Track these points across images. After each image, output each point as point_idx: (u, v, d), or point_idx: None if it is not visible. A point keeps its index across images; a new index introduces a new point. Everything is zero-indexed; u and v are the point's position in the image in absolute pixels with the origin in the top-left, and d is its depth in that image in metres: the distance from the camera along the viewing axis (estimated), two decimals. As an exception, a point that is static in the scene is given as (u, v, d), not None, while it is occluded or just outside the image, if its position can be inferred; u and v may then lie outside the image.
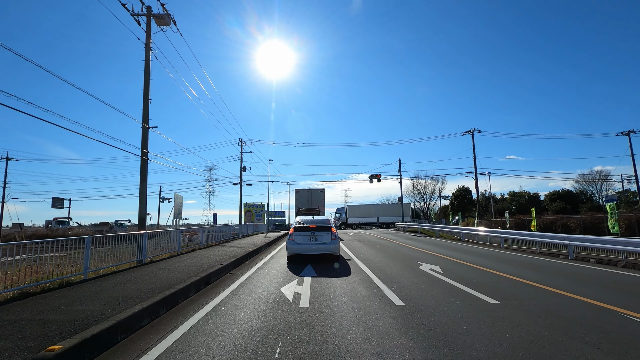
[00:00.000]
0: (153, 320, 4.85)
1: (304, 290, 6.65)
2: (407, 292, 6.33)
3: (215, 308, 5.44)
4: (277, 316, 4.90)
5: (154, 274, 7.82)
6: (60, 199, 53.12)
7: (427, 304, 5.45)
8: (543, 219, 27.45)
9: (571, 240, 11.57)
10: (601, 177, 54.76)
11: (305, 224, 11.03)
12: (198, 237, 16.18)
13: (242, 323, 4.60)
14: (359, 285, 7.07)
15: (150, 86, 14.07)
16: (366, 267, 9.73)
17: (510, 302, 5.55)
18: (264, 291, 6.64)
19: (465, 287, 6.74)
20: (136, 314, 4.53)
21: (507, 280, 7.58)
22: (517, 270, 9.06)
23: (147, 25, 14.34)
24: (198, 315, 5.05)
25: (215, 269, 8.43)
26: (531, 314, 4.91)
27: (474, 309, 5.19)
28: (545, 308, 5.22)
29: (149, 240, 11.74)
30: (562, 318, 4.71)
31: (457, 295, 6.07)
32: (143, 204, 13.63)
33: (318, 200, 28.36)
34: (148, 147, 13.67)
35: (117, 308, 4.82)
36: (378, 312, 5.03)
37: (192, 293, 6.52)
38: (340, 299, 5.93)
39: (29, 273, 6.65)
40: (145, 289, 6.18)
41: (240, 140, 39.15)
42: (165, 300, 5.42)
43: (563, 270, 9.20)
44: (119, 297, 5.55)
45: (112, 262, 9.03)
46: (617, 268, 9.58)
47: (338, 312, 5.10)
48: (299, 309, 5.25)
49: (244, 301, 5.86)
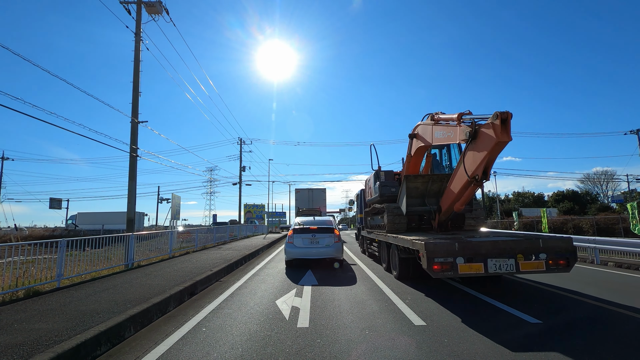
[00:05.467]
0: (113, 347, 3.88)
1: (303, 303, 5.67)
2: (426, 307, 5.34)
3: (195, 328, 4.47)
4: (269, 341, 3.92)
5: (136, 281, 6.90)
6: (57, 200, 52.28)
7: (453, 324, 4.47)
8: (553, 220, 26.42)
9: (597, 244, 10.56)
10: (607, 177, 53.73)
11: (305, 225, 10.06)
12: (193, 239, 15.25)
13: (224, 352, 3.63)
14: (367, 297, 6.09)
15: (140, 78, 13.16)
16: (373, 273, 8.74)
17: (556, 324, 4.56)
18: (257, 305, 5.67)
19: (493, 301, 5.75)
20: (89, 340, 3.57)
21: (545, 293, 6.57)
22: (547, 277, 8.03)
23: (137, 14, 13.44)
24: (171, 339, 4.08)
25: (203, 276, 7.47)
26: (594, 341, 3.93)
27: (512, 329, 4.21)
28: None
29: (139, 243, 10.85)
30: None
31: (486, 311, 5.09)
32: (132, 204, 12.65)
33: (319, 200, 27.43)
34: (138, 143, 12.75)
35: (80, 327, 3.98)
36: (394, 336, 4.05)
37: (171, 307, 5.56)
38: (346, 316, 4.95)
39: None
40: (120, 300, 5.28)
41: (240, 140, 38.20)
42: (135, 318, 4.46)
43: (592, 276, 8.19)
44: (87, 311, 4.66)
45: (99, 267, 8.16)
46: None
47: (344, 335, 4.12)
48: (297, 331, 4.27)
49: (230, 318, 4.88)
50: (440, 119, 7.49)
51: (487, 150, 5.57)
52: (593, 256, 10.72)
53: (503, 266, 5.57)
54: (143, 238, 11.43)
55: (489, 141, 5.51)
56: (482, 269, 5.52)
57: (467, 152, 6.14)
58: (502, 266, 5.56)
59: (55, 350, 3.22)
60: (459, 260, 5.52)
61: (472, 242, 5.74)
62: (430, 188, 8.54)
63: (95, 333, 3.72)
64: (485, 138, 5.60)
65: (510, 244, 5.73)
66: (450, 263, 5.50)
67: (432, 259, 5.54)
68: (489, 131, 5.47)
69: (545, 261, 5.68)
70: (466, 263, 5.51)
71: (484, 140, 5.65)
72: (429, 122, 7.94)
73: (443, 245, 5.62)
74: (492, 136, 5.40)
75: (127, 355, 3.63)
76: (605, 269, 9.61)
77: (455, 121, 6.58)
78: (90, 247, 8.20)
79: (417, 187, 8.58)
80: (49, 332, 3.82)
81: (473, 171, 6.05)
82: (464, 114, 6.42)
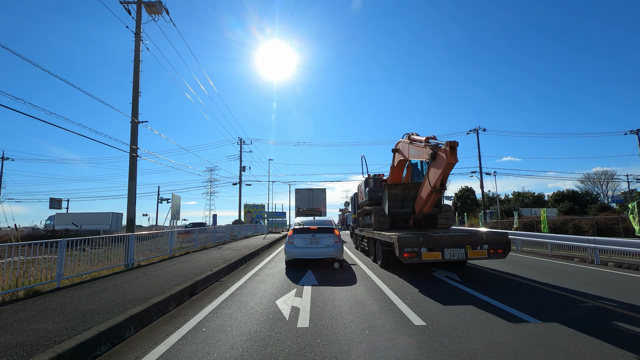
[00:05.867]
0: (113, 347, 3.88)
1: (303, 303, 5.67)
2: (426, 307, 5.34)
3: (195, 328, 4.47)
4: (269, 341, 3.92)
5: (136, 281, 6.90)
6: (58, 200, 52.23)
7: (453, 324, 4.47)
8: (553, 220, 26.37)
9: (597, 244, 10.55)
10: (607, 177, 53.70)
11: (305, 225, 10.05)
12: (193, 239, 15.24)
13: (224, 352, 3.63)
14: (367, 297, 6.09)
15: (140, 78, 13.16)
16: (373, 273, 8.74)
17: (555, 323, 4.56)
18: (257, 305, 5.67)
19: (493, 301, 5.74)
20: (89, 340, 3.57)
21: (543, 293, 6.57)
22: (544, 276, 8.05)
23: (137, 14, 13.44)
24: (171, 339, 4.08)
25: (203, 276, 7.47)
26: (593, 338, 3.93)
27: (512, 330, 4.21)
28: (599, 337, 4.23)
29: (139, 243, 10.85)
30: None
31: (487, 312, 5.08)
32: (132, 204, 12.64)
33: (319, 200, 27.43)
34: (138, 143, 12.74)
35: (80, 327, 3.98)
36: (394, 336, 4.05)
37: (171, 307, 5.56)
38: (346, 316, 4.95)
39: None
40: (120, 300, 5.28)
41: (240, 140, 38.20)
42: (135, 318, 4.46)
43: (594, 276, 8.19)
44: (87, 311, 4.67)
45: (99, 267, 8.16)
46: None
47: (344, 335, 4.12)
48: (297, 331, 4.27)
49: (230, 319, 4.88)
50: (414, 140, 9.22)
51: (442, 168, 7.36)
52: (593, 256, 10.72)
53: (456, 254, 7.33)
54: (143, 238, 11.42)
55: (442, 162, 7.29)
56: (440, 256, 7.25)
57: (429, 168, 7.94)
58: (455, 254, 7.33)
59: (55, 350, 3.22)
60: (423, 250, 7.27)
61: (433, 236, 7.53)
62: (407, 194, 10.27)
63: (95, 333, 3.72)
64: (440, 159, 7.38)
65: (462, 237, 7.46)
66: (416, 252, 7.26)
67: (403, 249, 7.30)
68: (443, 154, 7.20)
69: (487, 250, 7.42)
70: (428, 252, 7.26)
71: (440, 161, 7.42)
72: (406, 140, 9.74)
73: (411, 238, 7.38)
74: (444, 158, 7.16)
75: (127, 355, 3.63)
76: (605, 269, 9.61)
77: (423, 143, 8.29)
78: (90, 247, 8.21)
79: (397, 193, 10.32)
80: (49, 332, 3.82)
81: (434, 183, 7.81)
82: (430, 138, 8.16)
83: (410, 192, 10.17)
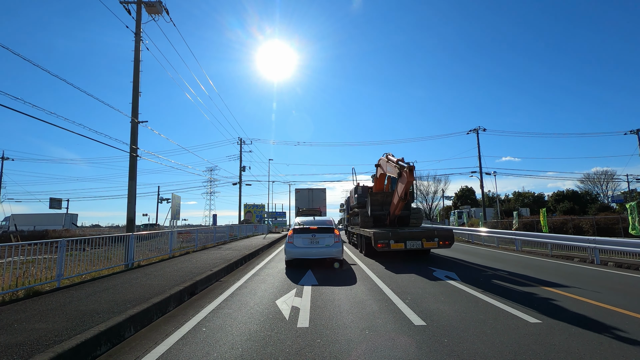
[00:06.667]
0: (113, 347, 3.88)
1: (303, 303, 5.67)
2: (426, 307, 5.34)
3: (195, 328, 4.47)
4: (269, 341, 3.92)
5: (136, 281, 6.90)
6: (58, 200, 52.21)
7: (453, 324, 4.47)
8: (553, 220, 26.35)
9: (597, 243, 10.55)
10: (607, 177, 53.67)
11: (305, 225, 10.05)
12: (193, 238, 15.24)
13: (224, 352, 3.63)
14: (367, 297, 6.09)
15: (140, 78, 13.15)
16: (373, 273, 8.74)
17: (557, 323, 4.56)
18: (257, 304, 5.67)
19: (493, 300, 5.75)
20: (89, 340, 3.57)
21: (546, 293, 6.56)
22: (545, 275, 8.05)
23: (137, 13, 13.43)
24: (171, 338, 4.08)
25: (203, 276, 7.47)
26: (592, 339, 3.93)
27: (513, 330, 4.21)
28: (595, 336, 4.24)
29: (139, 243, 10.84)
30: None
31: (488, 312, 5.08)
32: (132, 204, 12.63)
33: (319, 200, 27.44)
34: (138, 143, 12.74)
35: (80, 326, 3.98)
36: (394, 336, 4.05)
37: (171, 307, 5.56)
38: (346, 315, 4.95)
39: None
40: (120, 300, 5.28)
41: (240, 139, 38.18)
42: (135, 318, 4.46)
43: (600, 277, 8.20)
44: (87, 311, 4.66)
45: (99, 267, 8.16)
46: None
47: (344, 335, 4.12)
48: (297, 331, 4.27)
49: (230, 319, 4.88)
50: (390, 159, 11.92)
51: (404, 184, 10.42)
52: (593, 256, 10.72)
53: (415, 245, 10.24)
54: (143, 238, 11.42)
55: (404, 179, 10.42)
56: (404, 246, 10.18)
57: (397, 183, 11.00)
58: (414, 244, 10.24)
59: (55, 350, 3.22)
60: (392, 242, 10.19)
61: (399, 232, 10.51)
62: (385, 200, 13.12)
63: (95, 333, 3.72)
64: (404, 177, 10.49)
65: (419, 233, 10.49)
66: (386, 243, 10.18)
67: (377, 240, 10.27)
68: (405, 173, 10.36)
69: (437, 242, 10.37)
70: (395, 243, 10.19)
71: (403, 178, 10.50)
72: (385, 159, 12.68)
73: (383, 234, 10.38)
74: (405, 177, 10.37)
75: (127, 355, 3.63)
76: (605, 268, 9.61)
77: (394, 163, 11.09)
78: (91, 247, 8.20)
79: (378, 199, 13.27)
80: (49, 332, 3.82)
81: (400, 194, 10.86)
82: (399, 160, 11.03)
83: (388, 198, 12.93)
